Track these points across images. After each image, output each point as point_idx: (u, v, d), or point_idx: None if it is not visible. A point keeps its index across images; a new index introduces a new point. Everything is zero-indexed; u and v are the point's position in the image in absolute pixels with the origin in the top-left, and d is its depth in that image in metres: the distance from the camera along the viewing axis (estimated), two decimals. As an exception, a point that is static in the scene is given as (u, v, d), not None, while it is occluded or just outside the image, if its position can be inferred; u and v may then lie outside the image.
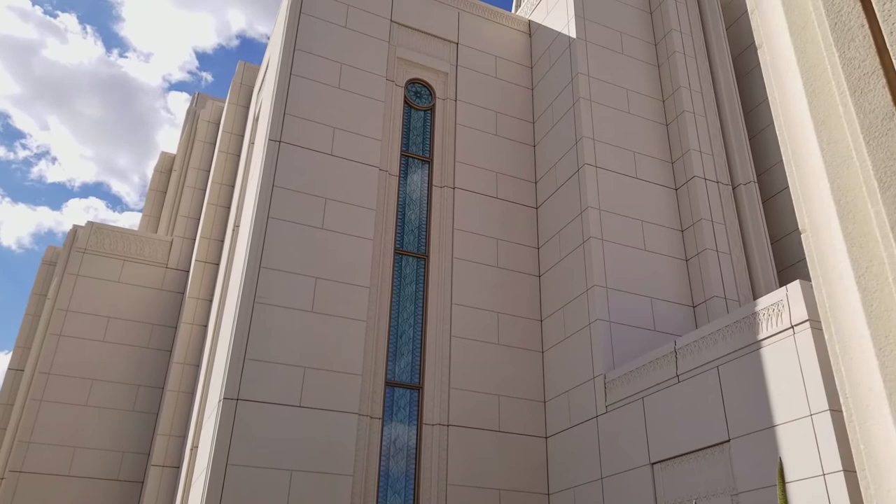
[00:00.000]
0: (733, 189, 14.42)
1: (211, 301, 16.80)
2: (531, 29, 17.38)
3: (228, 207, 18.74)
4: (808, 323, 8.76)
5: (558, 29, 15.98)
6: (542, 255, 14.71)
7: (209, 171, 20.72)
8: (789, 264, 14.10)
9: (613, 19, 15.92)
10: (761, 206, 14.18)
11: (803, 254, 13.75)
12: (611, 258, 13.18)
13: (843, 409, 1.90)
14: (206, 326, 16.38)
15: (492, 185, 15.11)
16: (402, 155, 15.11)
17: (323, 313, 12.73)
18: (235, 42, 62.65)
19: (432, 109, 15.84)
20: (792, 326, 8.95)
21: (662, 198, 14.32)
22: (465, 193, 14.81)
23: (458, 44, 16.37)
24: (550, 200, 14.83)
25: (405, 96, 15.70)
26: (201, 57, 65.07)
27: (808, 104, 1.74)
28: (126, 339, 16.85)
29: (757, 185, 14.42)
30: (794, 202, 2.06)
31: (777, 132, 2.16)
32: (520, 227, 14.95)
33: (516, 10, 29.69)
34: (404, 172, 15.07)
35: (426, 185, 15.07)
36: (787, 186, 14.36)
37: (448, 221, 14.51)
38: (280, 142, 13.77)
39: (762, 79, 15.11)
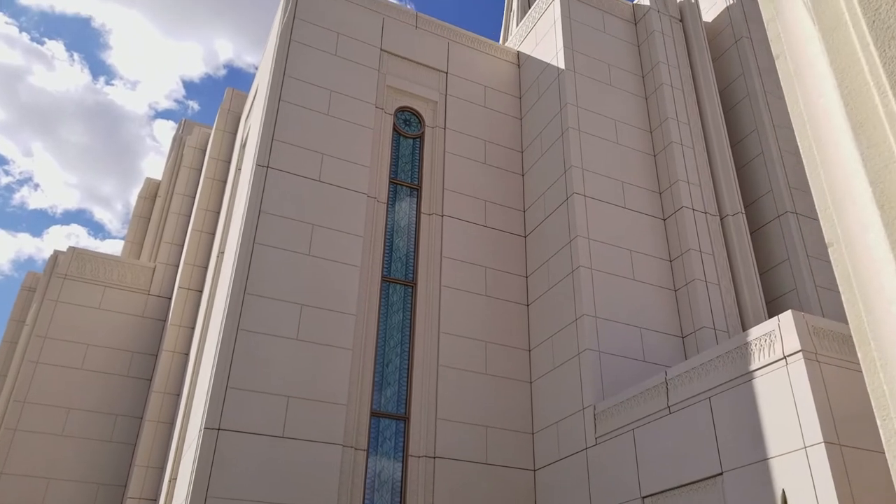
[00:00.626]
0: (721, 220, 14.45)
1: (193, 328, 16.49)
2: (520, 60, 17.49)
3: (213, 234, 18.52)
4: (800, 353, 8.67)
5: (547, 60, 16.09)
6: (530, 284, 14.60)
7: (194, 198, 20.52)
8: (778, 295, 14.09)
9: (601, 51, 16.06)
10: (749, 237, 14.21)
11: (792, 285, 13.78)
12: (600, 287, 13.10)
13: (881, 429, 1.78)
14: (187, 354, 16.06)
15: (480, 213, 15.05)
16: (390, 182, 15.03)
17: (308, 341, 12.50)
18: (223, 71, 62.83)
19: (421, 137, 15.82)
20: (784, 357, 8.86)
21: (651, 228, 14.31)
22: (454, 221, 14.72)
23: (447, 73, 16.42)
24: (539, 229, 14.77)
25: (394, 124, 15.68)
26: (188, 85, 65.14)
27: (844, 107, 1.65)
28: (105, 367, 16.46)
29: (745, 216, 14.47)
30: (820, 214, 1.97)
31: (800, 142, 2.08)
32: (508, 256, 14.86)
33: (504, 42, 29.97)
34: (392, 199, 14.98)
35: (414, 212, 14.97)
36: (776, 217, 14.45)
37: (436, 249, 14.40)
38: (268, 167, 13.65)
39: (749, 111, 15.28)
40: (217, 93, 72.75)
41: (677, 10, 16.99)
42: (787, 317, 9.09)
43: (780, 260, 14.25)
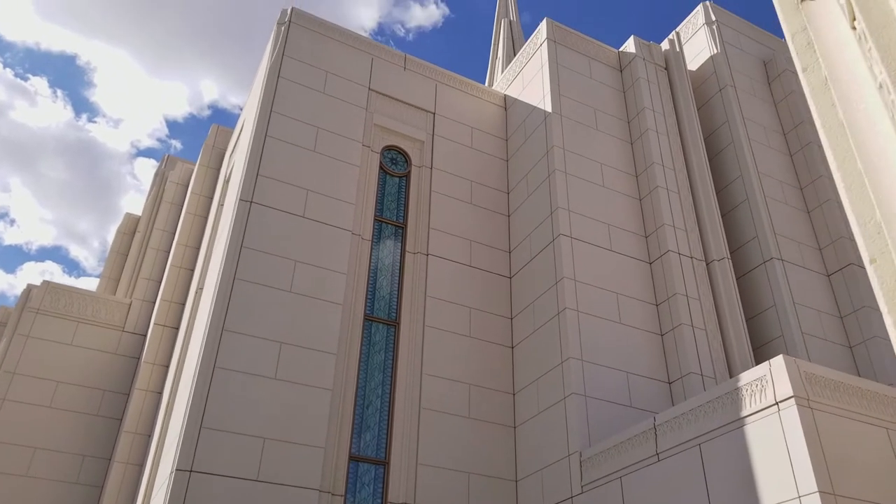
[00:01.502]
0: (707, 265, 14.41)
1: (168, 367, 16.01)
2: (506, 103, 17.59)
3: (192, 270, 18.17)
4: (793, 399, 8.50)
5: (534, 103, 16.18)
6: (515, 326, 14.38)
7: (174, 233, 20.21)
8: (764, 342, 13.97)
9: (588, 96, 16.19)
10: (735, 282, 14.15)
11: (778, 331, 13.68)
12: (586, 330, 12.91)
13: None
14: (160, 393, 15.55)
15: (465, 253, 14.89)
16: (375, 220, 14.87)
17: (287, 380, 12.13)
18: (207, 112, 62.93)
19: (407, 176, 15.73)
20: (777, 403, 8.68)
21: (637, 271, 14.22)
22: (439, 260, 14.54)
23: (434, 114, 16.44)
24: (524, 270, 14.63)
25: (381, 162, 15.60)
26: (171, 125, 65.11)
27: (897, 109, 1.52)
28: (74, 405, 15.87)
29: (730, 261, 14.43)
30: (860, 227, 1.82)
31: (834, 153, 1.94)
32: (493, 297, 14.67)
33: (490, 85, 30.28)
34: (377, 237, 14.80)
35: (399, 251, 14.79)
36: (761, 263, 14.42)
37: (420, 288, 14.18)
38: (251, 202, 13.44)
39: (734, 158, 15.40)
40: (200, 133, 72.76)
41: (662, 58, 17.24)
42: (778, 362, 8.94)
43: (766, 306, 14.18)
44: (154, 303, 18.29)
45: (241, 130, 17.21)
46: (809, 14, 2.10)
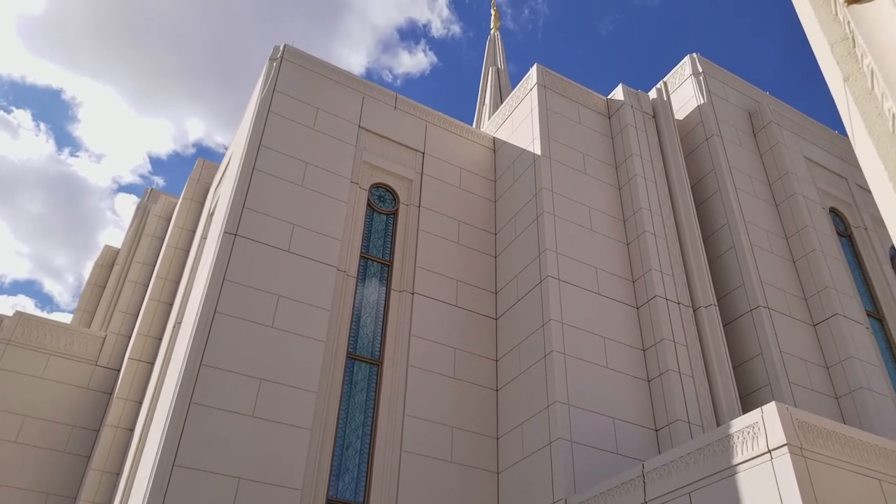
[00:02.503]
0: (694, 311, 14.33)
1: (140, 403, 15.51)
2: (495, 145, 17.66)
3: (171, 304, 17.79)
4: (786, 447, 8.31)
5: (523, 146, 16.24)
6: (500, 368, 14.14)
7: (154, 266, 19.87)
8: (751, 391, 13.83)
9: (576, 141, 16.29)
10: (722, 329, 14.06)
11: (765, 380, 13.56)
12: (573, 374, 12.70)
13: None
14: (131, 430, 15.01)
15: (451, 292, 14.71)
16: (361, 257, 14.68)
17: (265, 419, 11.74)
18: (192, 150, 62.83)
19: (395, 214, 15.62)
20: (769, 451, 8.49)
21: (624, 315, 14.10)
22: (424, 300, 14.34)
23: (424, 153, 16.44)
24: (511, 312, 14.45)
25: (368, 199, 15.50)
26: (155, 161, 64.88)
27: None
28: (41, 440, 15.27)
29: (717, 308, 14.37)
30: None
31: (883, 170, 1.81)
32: (478, 338, 14.45)
33: (477, 127, 30.50)
34: (363, 275, 14.59)
35: (384, 288, 14.58)
36: (748, 311, 14.37)
37: (405, 327, 13.93)
38: (236, 235, 13.22)
39: (720, 206, 15.49)
40: (184, 170, 72.68)
41: (650, 106, 17.46)
42: (770, 409, 8.78)
43: (752, 354, 14.09)
44: (130, 337, 17.83)
45: (227, 164, 17.07)
46: (860, 17, 2.02)
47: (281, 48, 16.19)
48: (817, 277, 15.31)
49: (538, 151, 15.52)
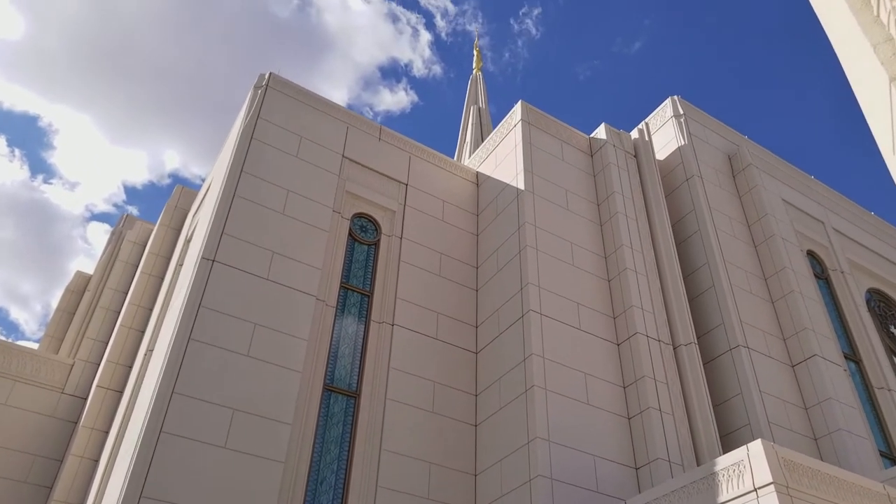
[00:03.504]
0: (674, 349, 14.28)
1: (107, 432, 14.99)
2: (479, 179, 17.68)
3: (142, 331, 17.37)
4: (772, 486, 8.20)
5: (506, 181, 16.27)
6: (479, 403, 13.90)
7: (126, 293, 19.45)
8: (730, 430, 13.73)
9: (559, 177, 16.37)
10: (702, 368, 14.01)
11: (745, 420, 13.49)
12: (554, 410, 12.52)
13: None
14: (96, 461, 14.47)
15: (432, 325, 14.52)
16: (341, 287, 14.47)
17: (237, 450, 11.37)
18: (167, 180, 62.24)
19: (377, 244, 15.48)
20: (755, 489, 8.36)
21: (605, 352, 14.01)
22: (404, 331, 14.13)
23: (407, 185, 16.39)
24: (491, 346, 14.28)
25: (350, 229, 15.35)
26: (129, 191, 64.17)
27: None
28: (1, 470, 14.64)
29: (697, 347, 14.34)
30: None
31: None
32: (458, 372, 14.23)
33: (458, 159, 30.59)
34: (342, 305, 14.36)
35: (364, 319, 14.35)
36: (727, 350, 14.35)
37: (384, 359, 13.69)
38: (214, 261, 12.97)
39: (700, 245, 15.60)
40: (159, 200, 71.93)
41: (632, 146, 17.65)
42: (756, 447, 8.68)
43: (732, 394, 14.03)
44: (98, 364, 17.32)
45: (207, 190, 16.86)
46: None
47: (266, 76, 16.16)
48: (796, 318, 15.39)
49: (522, 186, 15.55)
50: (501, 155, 16.96)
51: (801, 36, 56.54)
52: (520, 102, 17.21)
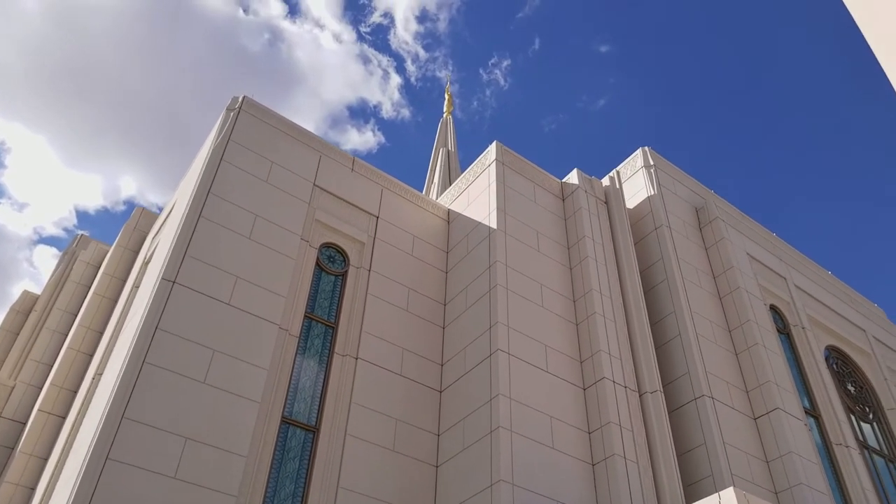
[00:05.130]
0: (640, 396, 14.16)
1: (47, 459, 14.14)
2: (450, 217, 17.58)
3: (91, 355, 16.61)
4: (745, 535, 8.02)
5: (479, 219, 16.19)
6: (442, 444, 13.51)
7: (76, 315, 18.67)
8: (694, 481, 13.58)
9: (531, 219, 16.36)
10: (667, 417, 13.90)
11: (708, 471, 13.36)
12: (519, 453, 12.21)
13: None
14: (32, 489, 13.60)
15: (397, 361, 14.17)
16: (305, 316, 14.06)
17: (187, 481, 10.76)
18: (122, 207, 60.88)
19: (344, 275, 15.15)
20: (728, 538, 8.17)
21: (571, 396, 13.81)
22: (368, 366, 13.74)
23: (378, 217, 16.18)
24: (457, 385, 13.97)
25: (318, 258, 15.02)
26: (81, 216, 62.55)
27: None
28: (-77, 496, 13.65)
29: (663, 394, 14.25)
30: None
31: None
32: (421, 410, 13.84)
33: (427, 194, 30.50)
34: (305, 335, 13.94)
35: (327, 351, 13.93)
36: (692, 400, 14.29)
37: (346, 393, 13.25)
38: (174, 282, 12.48)
39: (667, 294, 15.66)
40: (111, 226, 70.26)
41: (603, 192, 17.80)
42: (728, 494, 8.53)
43: (696, 444, 13.92)
44: (41, 388, 16.47)
45: (170, 211, 16.38)
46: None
47: (240, 99, 15.92)
48: (759, 371, 15.46)
49: (494, 225, 15.47)
50: (474, 193, 16.91)
51: (757, 109, 58.77)
52: (495, 143, 17.28)
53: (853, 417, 17.88)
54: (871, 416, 18.66)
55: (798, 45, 56.87)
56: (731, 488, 8.59)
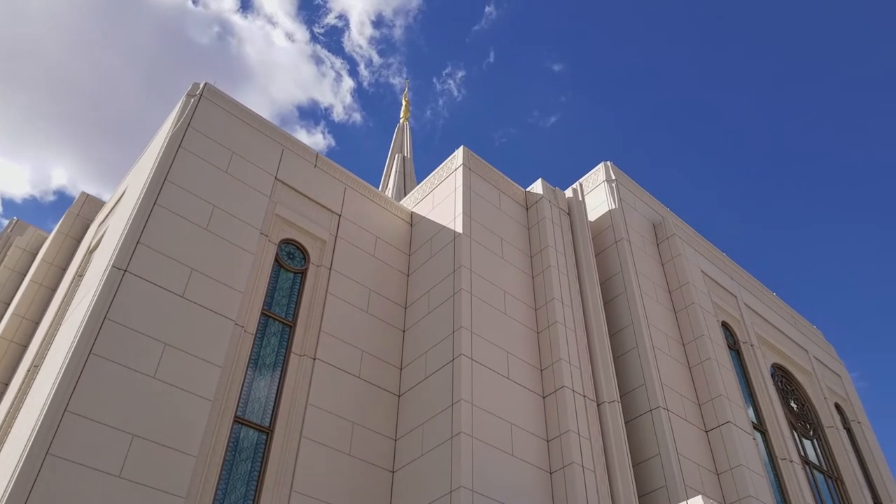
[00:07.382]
0: (598, 406, 14.16)
1: (-28, 455, 13.17)
2: (413, 220, 17.32)
3: (26, 346, 15.68)
4: (717, 545, 7.99)
5: (443, 223, 15.99)
6: (399, 449, 13.19)
7: (9, 304, 17.63)
8: (648, 491, 13.63)
9: (495, 225, 16.26)
10: (624, 427, 13.94)
11: (662, 482, 13.43)
12: (479, 459, 11.99)
13: None
14: (-45, 487, 12.62)
15: (356, 363, 13.80)
16: (262, 313, 13.56)
17: (133, 481, 10.15)
18: (52, 197, 58.36)
19: (304, 273, 14.71)
20: (699, 548, 8.13)
21: (531, 403, 13.70)
22: (326, 367, 13.33)
23: (340, 216, 15.80)
24: (416, 390, 13.68)
25: (277, 254, 14.54)
26: (7, 203, 59.65)
27: None
28: None
29: (620, 405, 14.29)
30: None
31: None
32: (379, 414, 13.50)
33: (383, 191, 30.15)
34: (262, 332, 13.44)
35: (284, 350, 13.45)
36: (648, 411, 14.37)
37: (302, 394, 12.81)
38: (125, 271, 11.84)
39: (626, 306, 15.80)
40: (40, 216, 67.21)
41: (566, 203, 17.86)
42: (696, 502, 8.50)
43: (651, 454, 13.99)
44: (-33, 379, 15.40)
45: (121, 197, 15.62)
46: None
47: (202, 85, 15.36)
48: (711, 385, 15.69)
49: (459, 229, 15.30)
50: (440, 197, 16.71)
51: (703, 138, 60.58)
52: (462, 148, 17.14)
53: (795, 434, 18.35)
54: (811, 432, 19.20)
55: (752, 68, 58.95)
56: (699, 496, 8.58)
